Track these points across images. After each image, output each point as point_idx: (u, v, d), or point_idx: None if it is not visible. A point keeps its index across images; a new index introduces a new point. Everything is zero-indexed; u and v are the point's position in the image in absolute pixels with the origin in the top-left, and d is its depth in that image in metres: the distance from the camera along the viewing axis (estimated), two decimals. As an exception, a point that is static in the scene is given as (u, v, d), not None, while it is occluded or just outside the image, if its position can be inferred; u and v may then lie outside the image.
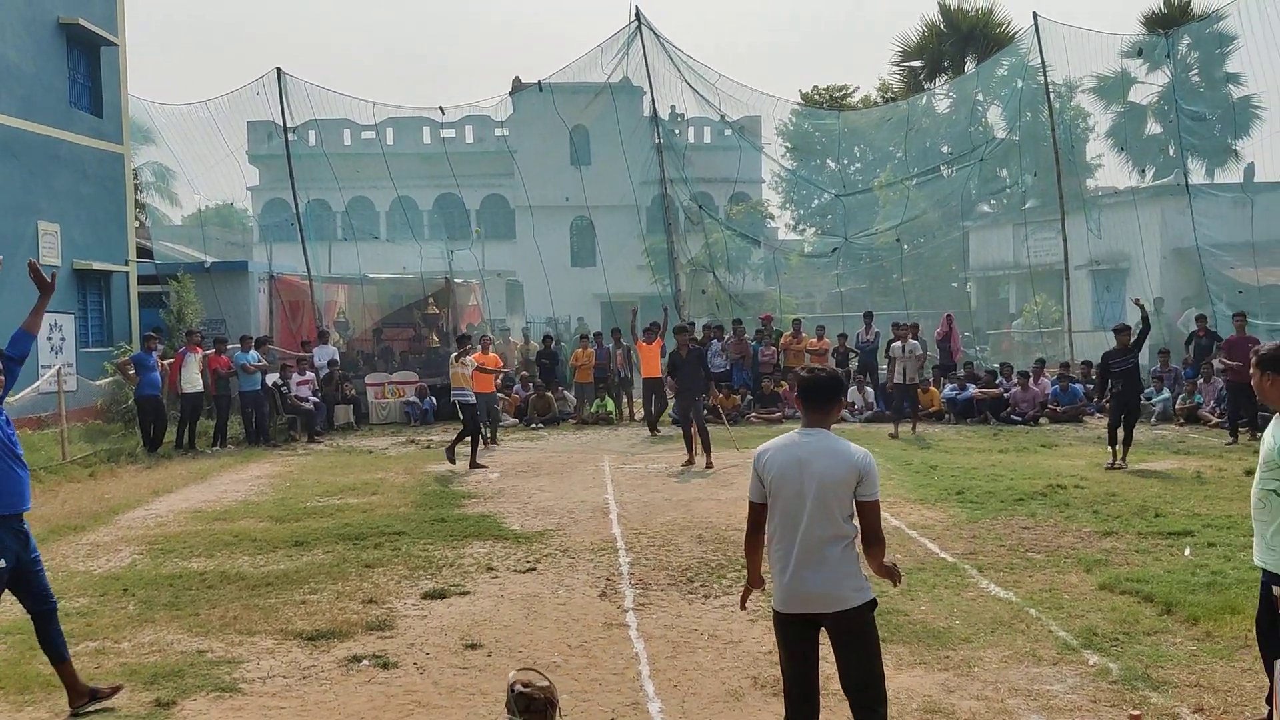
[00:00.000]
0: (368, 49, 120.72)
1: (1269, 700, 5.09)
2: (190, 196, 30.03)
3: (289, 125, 24.24)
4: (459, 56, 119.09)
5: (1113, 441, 14.09)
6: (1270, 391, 5.02)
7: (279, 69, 23.54)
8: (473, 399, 15.63)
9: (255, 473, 15.46)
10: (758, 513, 4.63)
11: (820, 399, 4.62)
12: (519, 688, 3.98)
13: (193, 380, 18.18)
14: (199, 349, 18.67)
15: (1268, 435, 5.01)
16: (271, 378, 19.68)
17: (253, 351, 19.05)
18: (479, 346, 18.00)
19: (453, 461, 15.03)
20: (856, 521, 4.47)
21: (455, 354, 16.29)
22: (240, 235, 33.99)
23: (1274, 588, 4.96)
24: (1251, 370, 5.10)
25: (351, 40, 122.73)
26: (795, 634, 4.52)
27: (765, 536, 4.62)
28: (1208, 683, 5.92)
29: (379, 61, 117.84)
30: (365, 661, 6.72)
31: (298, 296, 24.78)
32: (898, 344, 18.73)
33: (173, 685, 6.32)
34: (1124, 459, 13.86)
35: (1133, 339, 14.18)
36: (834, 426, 4.70)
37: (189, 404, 18.13)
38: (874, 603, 4.50)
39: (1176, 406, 19.00)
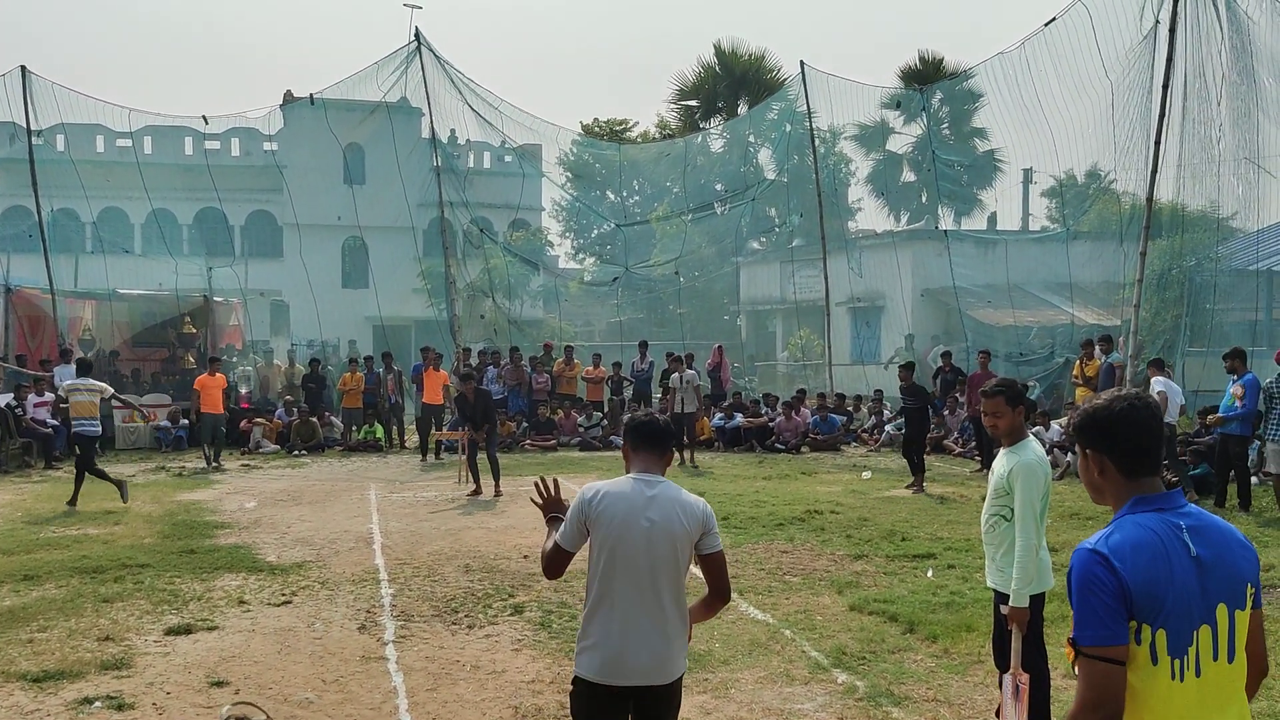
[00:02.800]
0: (124, 52, 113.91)
1: (997, 713, 5.44)
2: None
3: (34, 128, 22.49)
4: (225, 66, 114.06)
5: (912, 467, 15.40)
6: (1000, 422, 5.39)
7: (23, 67, 21.84)
8: (93, 431, 14.10)
9: (-20, 502, 14.15)
10: (565, 559, 4.05)
11: (656, 442, 4.16)
12: None
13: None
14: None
15: (997, 464, 5.38)
16: (4, 399, 18.12)
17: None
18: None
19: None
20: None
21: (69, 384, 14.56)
22: (-28, 245, 31.20)
23: (1002, 607, 5.31)
24: (982, 404, 5.47)
25: (106, 42, 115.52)
26: (606, 708, 3.99)
27: (588, 592, 4.05)
28: (944, 697, 6.27)
29: (136, 66, 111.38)
30: (97, 704, 6.23)
31: (38, 311, 22.95)
32: (675, 375, 19.25)
33: None
34: (919, 484, 14.93)
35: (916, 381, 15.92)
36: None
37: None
38: (684, 671, 4.16)
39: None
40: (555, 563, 4.06)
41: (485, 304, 28.89)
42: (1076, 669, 2.55)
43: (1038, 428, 16.67)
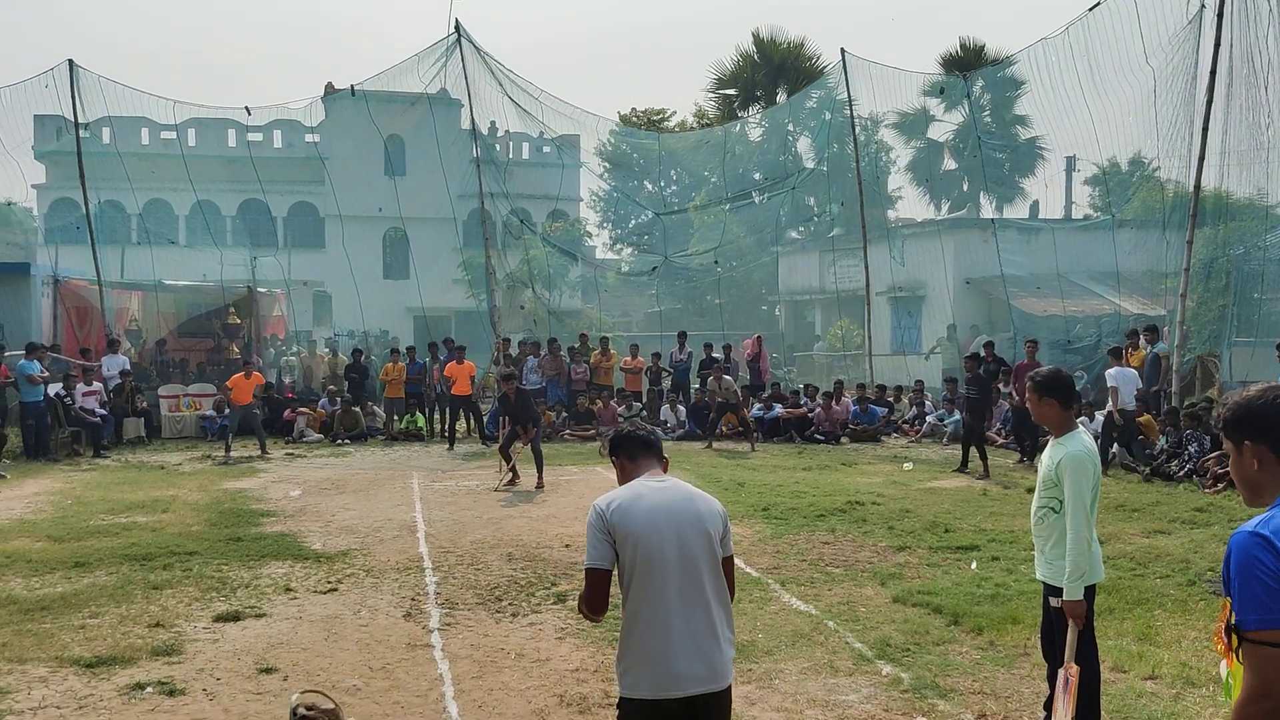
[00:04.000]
0: (170, 44, 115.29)
1: (1047, 706, 5.40)
2: (-36, 193, 27.80)
3: (81, 121, 22.79)
4: (267, 57, 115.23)
5: (964, 457, 15.88)
6: (1044, 413, 5.33)
7: (71, 61, 22.12)
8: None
9: (34, 489, 14.40)
10: (603, 580, 3.76)
11: (649, 447, 4.04)
12: (301, 711, 3.80)
13: (-37, 389, 16.80)
14: (-31, 356, 17.28)
15: (1045, 456, 5.33)
16: (54, 388, 18.41)
17: (35, 362, 17.76)
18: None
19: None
20: None
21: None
22: (21, 235, 31.75)
23: (1052, 599, 5.27)
24: (1027, 394, 5.42)
25: (152, 35, 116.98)
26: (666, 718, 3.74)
27: (624, 609, 3.81)
28: (990, 690, 6.23)
29: (181, 58, 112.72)
30: (149, 689, 6.33)
31: (85, 302, 23.30)
32: (712, 380, 19.70)
33: (-73, 720, 5.81)
34: (984, 471, 15.19)
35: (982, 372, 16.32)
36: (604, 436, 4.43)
37: (-42, 415, 16.74)
38: None
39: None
40: (592, 588, 3.78)
41: (524, 294, 29.00)
42: (1241, 656, 2.48)
43: (1082, 418, 16.50)
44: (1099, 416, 16.78)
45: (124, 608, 8.13)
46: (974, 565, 9.37)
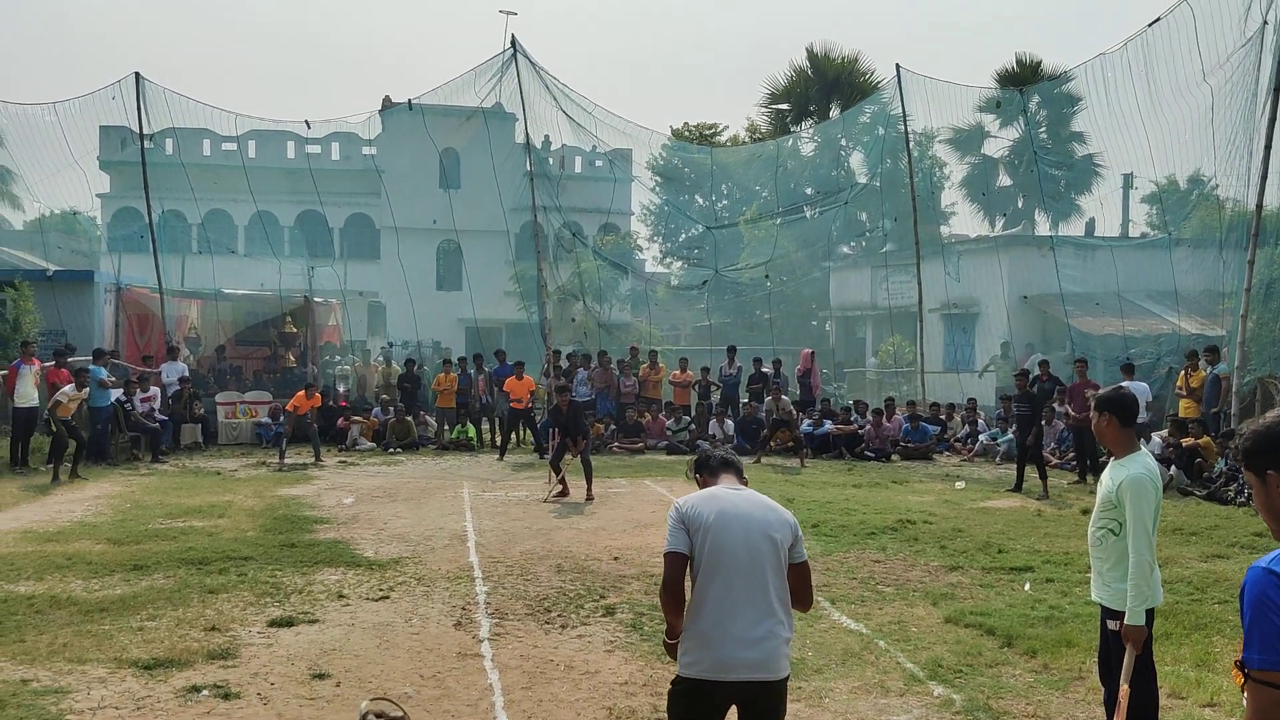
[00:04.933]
0: (231, 58, 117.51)
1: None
2: (31, 202, 28.50)
3: (146, 132, 23.31)
4: (326, 72, 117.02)
5: (1019, 477, 15.73)
6: (1107, 432, 5.26)
7: (137, 74, 22.63)
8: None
9: (94, 493, 14.70)
10: (680, 565, 4.08)
11: (730, 466, 4.43)
12: (371, 718, 3.85)
13: (27, 394, 17.16)
14: (35, 361, 17.68)
15: (1105, 477, 5.25)
16: (116, 393, 18.79)
17: (103, 367, 18.15)
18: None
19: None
20: None
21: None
22: (86, 244, 32.51)
23: (1110, 623, 5.19)
24: (1091, 412, 5.35)
25: (215, 48, 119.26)
26: (710, 708, 4.04)
27: (692, 597, 4.11)
28: (1044, 713, 6.15)
29: (242, 72, 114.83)
30: (205, 692, 6.43)
31: (146, 310, 23.78)
32: (769, 399, 19.82)
33: (-9, 717, 5.94)
34: (1044, 491, 15.07)
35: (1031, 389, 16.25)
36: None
37: (22, 419, 17.12)
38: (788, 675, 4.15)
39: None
40: (669, 569, 4.10)
41: (575, 307, 29.14)
42: (1245, 694, 2.42)
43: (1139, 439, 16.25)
44: (1155, 439, 16.53)
45: (181, 611, 8.26)
46: (1028, 587, 9.25)
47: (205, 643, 7.41)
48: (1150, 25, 19.59)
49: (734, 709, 4.12)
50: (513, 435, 20.98)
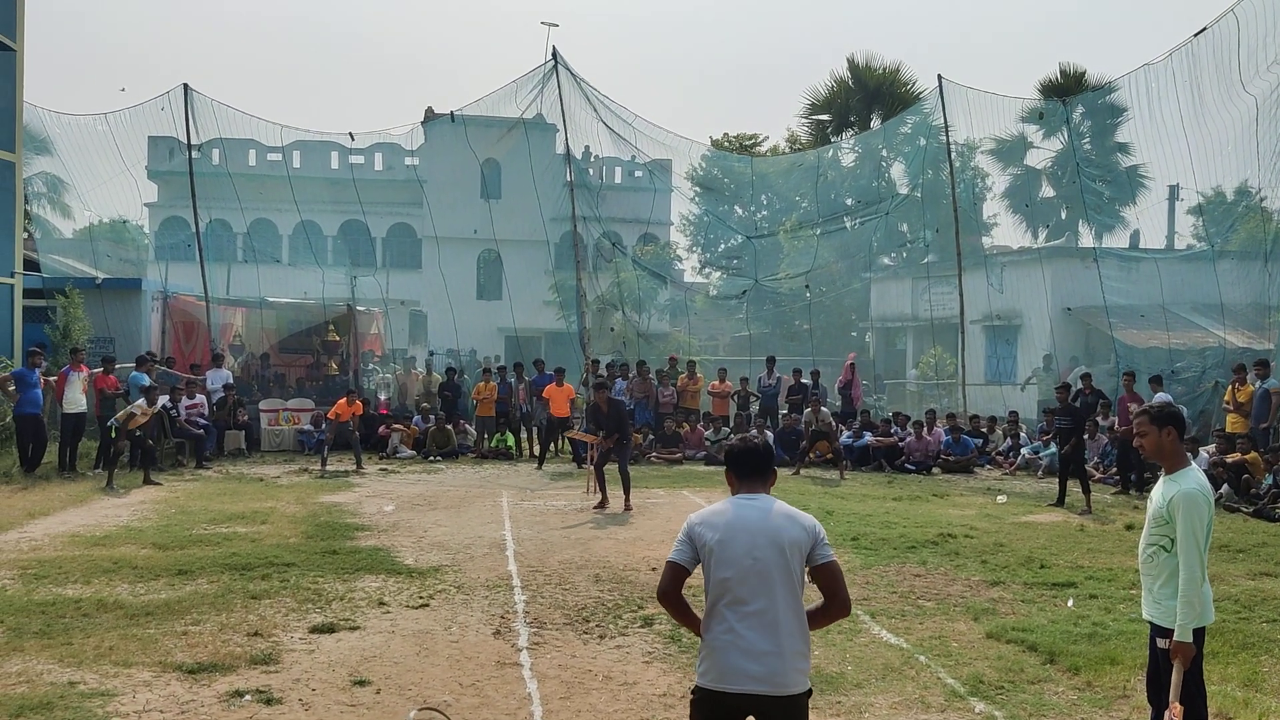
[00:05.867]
0: (277, 70, 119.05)
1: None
2: (82, 210, 29.02)
3: (193, 143, 23.68)
4: (370, 83, 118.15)
5: (1061, 491, 15.63)
6: (1168, 445, 5.18)
7: (186, 85, 23.01)
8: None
9: (139, 498, 14.92)
10: (676, 575, 4.14)
11: (758, 469, 4.32)
12: None
13: (75, 400, 17.47)
14: (84, 367, 17.99)
15: (1156, 492, 5.19)
16: (163, 400, 19.06)
17: (143, 373, 18.42)
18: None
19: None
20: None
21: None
22: (134, 252, 32.96)
23: (1159, 640, 5.12)
24: (1147, 426, 5.25)
25: (260, 61, 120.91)
26: (723, 717, 4.07)
27: (705, 607, 4.15)
28: (1088, 732, 6.07)
29: (288, 83, 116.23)
30: (247, 697, 6.50)
31: (192, 318, 24.12)
32: (809, 412, 19.82)
33: (40, 718, 6.03)
34: (1087, 505, 14.86)
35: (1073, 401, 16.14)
36: (723, 469, 4.57)
37: (70, 424, 17.42)
38: (810, 692, 4.14)
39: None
40: (666, 577, 4.17)
41: (614, 317, 29.19)
42: None
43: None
44: (1203, 454, 16.29)
45: (224, 616, 8.36)
46: (1070, 603, 9.14)
47: (248, 648, 7.49)
48: (1196, 35, 19.39)
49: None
50: (551, 445, 21.05)
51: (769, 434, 21.29)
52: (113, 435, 16.39)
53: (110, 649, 7.40)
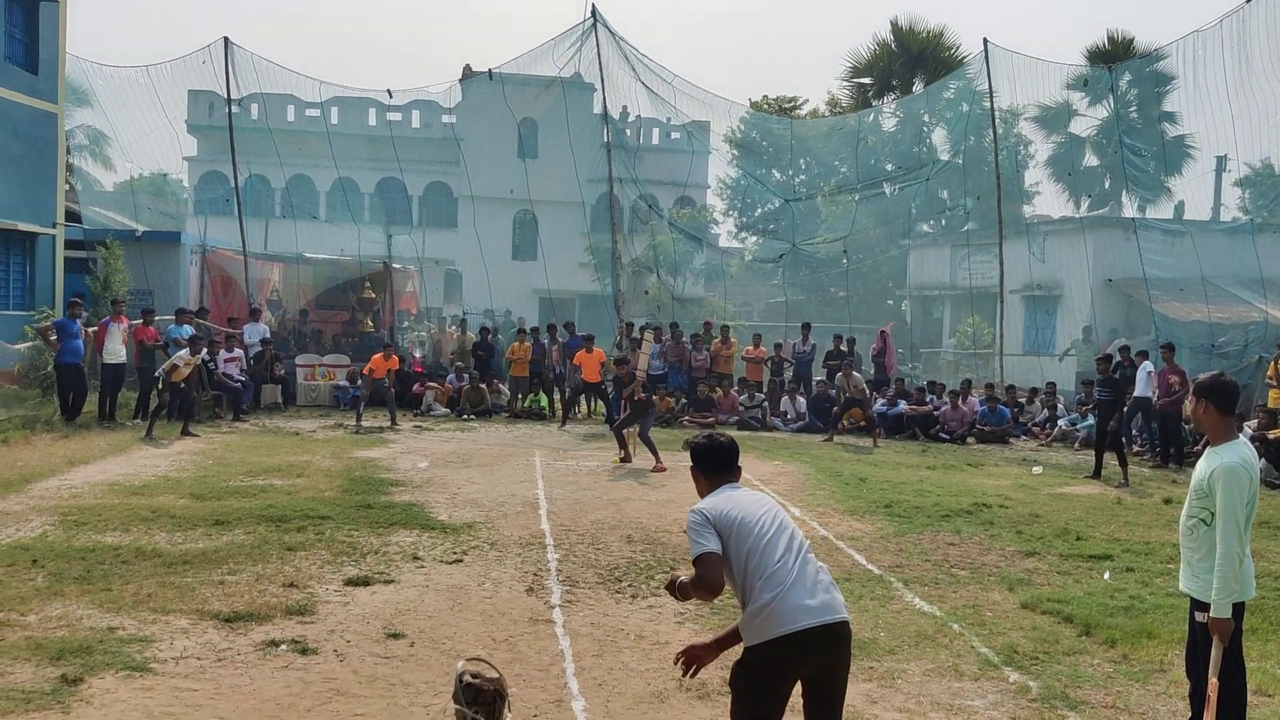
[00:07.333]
0: (316, 25, 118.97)
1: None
2: (123, 163, 29.25)
3: (233, 97, 23.72)
4: (408, 39, 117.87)
5: (1098, 463, 15.48)
6: (1204, 419, 5.11)
7: (226, 39, 23.03)
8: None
9: (177, 449, 15.09)
10: (718, 564, 4.15)
11: (726, 467, 4.52)
12: (467, 678, 3.88)
13: (115, 351, 17.67)
14: (124, 319, 18.17)
15: (1200, 465, 5.10)
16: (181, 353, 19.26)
17: (186, 326, 18.60)
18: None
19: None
20: None
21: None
22: (173, 206, 33.23)
23: (1198, 614, 5.05)
24: (1189, 398, 5.20)
25: (300, 15, 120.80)
26: (781, 673, 4.12)
27: (742, 592, 4.20)
28: (1124, 705, 6.01)
29: (327, 39, 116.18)
30: (283, 646, 6.57)
31: (230, 272, 24.28)
32: (841, 378, 19.58)
33: (80, 661, 6.11)
34: (1124, 478, 14.69)
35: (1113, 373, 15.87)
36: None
37: (110, 374, 17.63)
38: None
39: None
40: (709, 570, 4.14)
41: (649, 280, 29.10)
42: None
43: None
44: (1246, 429, 16.05)
45: (260, 566, 8.44)
46: (1107, 575, 9.05)
47: (284, 599, 7.56)
48: (1248, 1, 18.93)
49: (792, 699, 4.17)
50: (585, 406, 21.08)
51: (802, 401, 21.26)
52: (160, 387, 16.61)
53: (148, 596, 7.49)
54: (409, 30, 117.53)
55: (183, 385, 16.83)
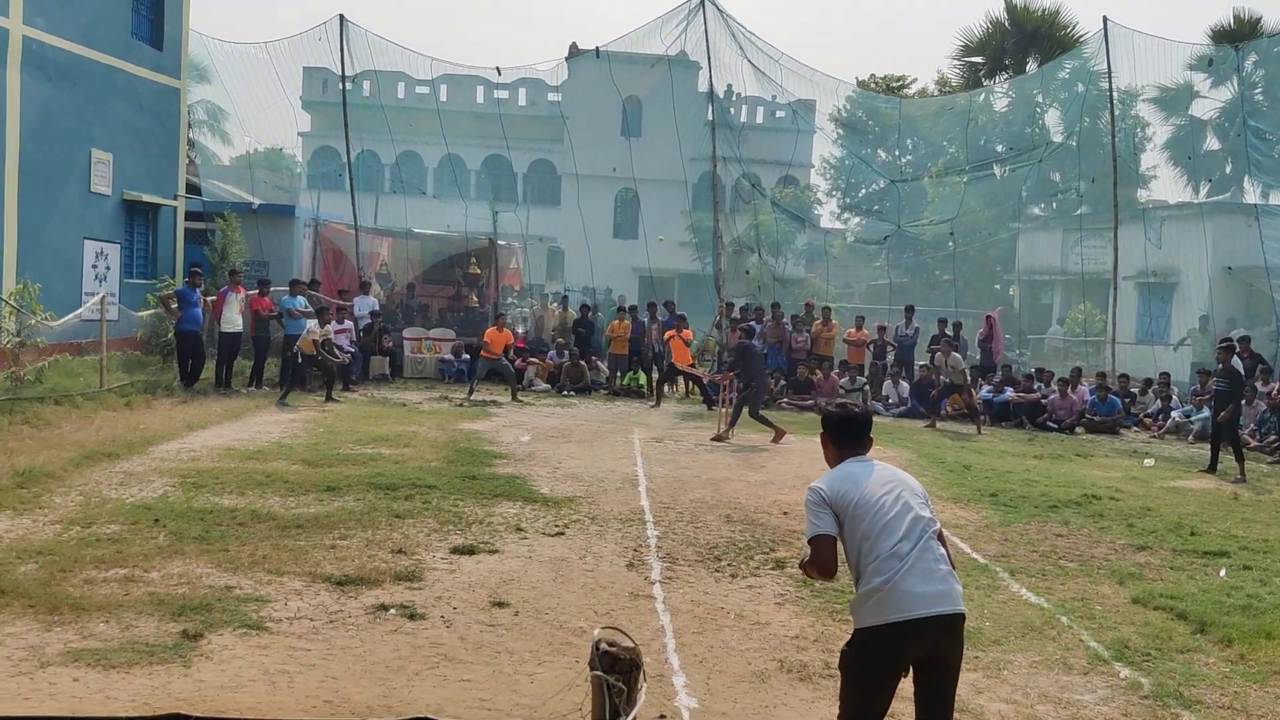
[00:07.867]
0: (427, 3, 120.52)
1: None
2: (241, 137, 30.17)
3: (346, 74, 24.22)
4: (516, 17, 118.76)
5: (1213, 457, 14.96)
6: None
7: (342, 16, 23.49)
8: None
9: (289, 416, 15.56)
10: (832, 546, 4.12)
11: (858, 437, 4.41)
12: (604, 647, 3.95)
13: (232, 320, 18.29)
14: (241, 289, 18.77)
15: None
16: (309, 324, 19.77)
17: (299, 297, 19.13)
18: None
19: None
20: None
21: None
22: (287, 180, 34.13)
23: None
24: None
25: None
26: (892, 658, 4.05)
27: (857, 574, 4.15)
28: (1241, 706, 5.83)
29: (437, 16, 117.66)
30: (392, 611, 6.74)
31: (341, 245, 24.86)
32: (939, 356, 19.19)
33: (200, 618, 6.36)
34: (1240, 474, 14.18)
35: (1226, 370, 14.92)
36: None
37: (227, 343, 18.26)
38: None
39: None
40: (823, 552, 4.12)
41: (750, 260, 28.94)
42: None
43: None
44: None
45: (370, 532, 8.67)
46: (1223, 572, 8.76)
47: (393, 564, 7.76)
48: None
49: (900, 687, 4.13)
50: (680, 386, 21.11)
51: (904, 385, 20.96)
52: (298, 360, 17.25)
53: (264, 557, 7.75)
54: (518, 8, 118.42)
55: (319, 356, 17.42)
